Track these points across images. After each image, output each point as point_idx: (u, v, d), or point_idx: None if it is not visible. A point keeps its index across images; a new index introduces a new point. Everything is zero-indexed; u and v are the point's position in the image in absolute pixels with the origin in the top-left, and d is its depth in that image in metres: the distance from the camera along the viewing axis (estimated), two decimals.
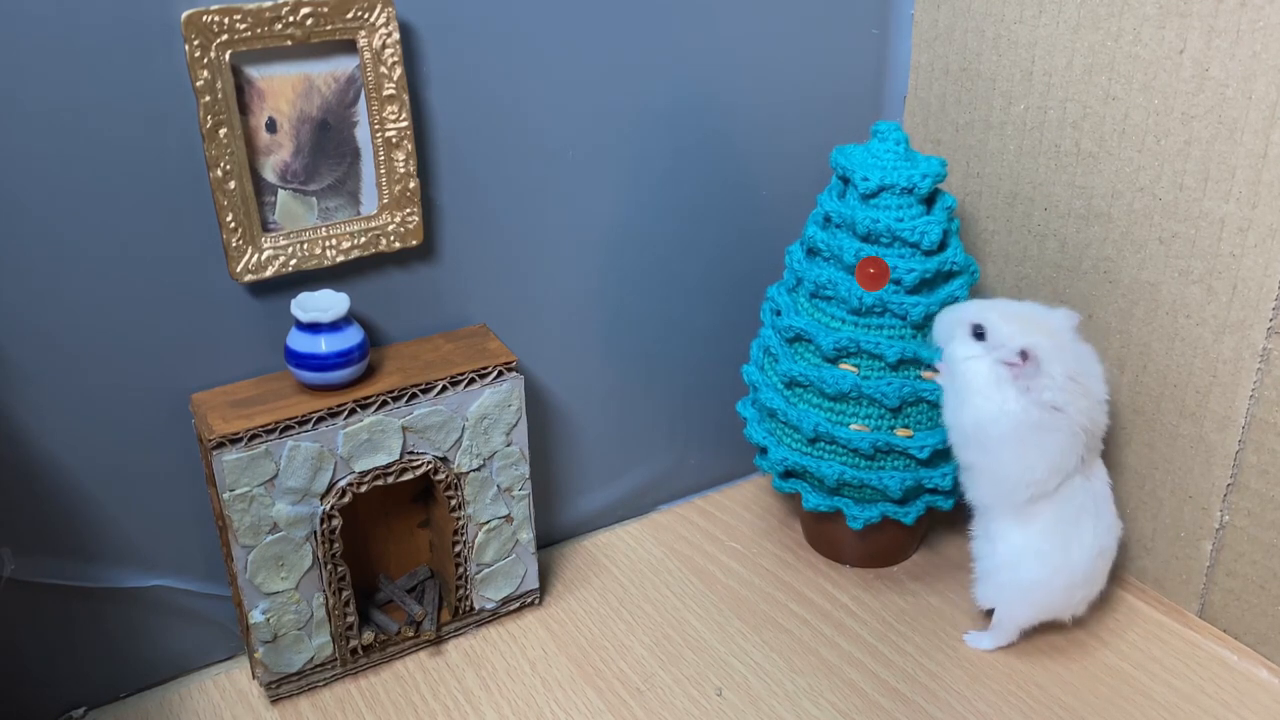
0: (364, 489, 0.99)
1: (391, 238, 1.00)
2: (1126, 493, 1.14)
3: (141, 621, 1.03)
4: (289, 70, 0.91)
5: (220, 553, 1.04)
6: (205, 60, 0.86)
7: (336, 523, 0.98)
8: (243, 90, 0.90)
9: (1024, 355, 0.95)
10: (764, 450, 1.15)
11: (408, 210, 1.00)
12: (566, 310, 1.15)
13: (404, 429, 0.99)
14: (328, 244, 0.98)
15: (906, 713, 1.02)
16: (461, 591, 1.09)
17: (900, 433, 1.06)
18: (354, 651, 1.05)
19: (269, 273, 0.95)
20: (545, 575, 1.19)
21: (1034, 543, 1.00)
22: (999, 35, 1.12)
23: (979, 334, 0.97)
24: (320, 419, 0.95)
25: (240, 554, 0.95)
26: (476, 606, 1.11)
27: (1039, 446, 0.97)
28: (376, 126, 0.96)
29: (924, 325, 1.06)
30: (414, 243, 1.01)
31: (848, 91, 1.23)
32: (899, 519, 1.11)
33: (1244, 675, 1.05)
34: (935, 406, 1.07)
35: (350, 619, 1.03)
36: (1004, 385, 0.96)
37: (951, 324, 1.00)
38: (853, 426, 1.06)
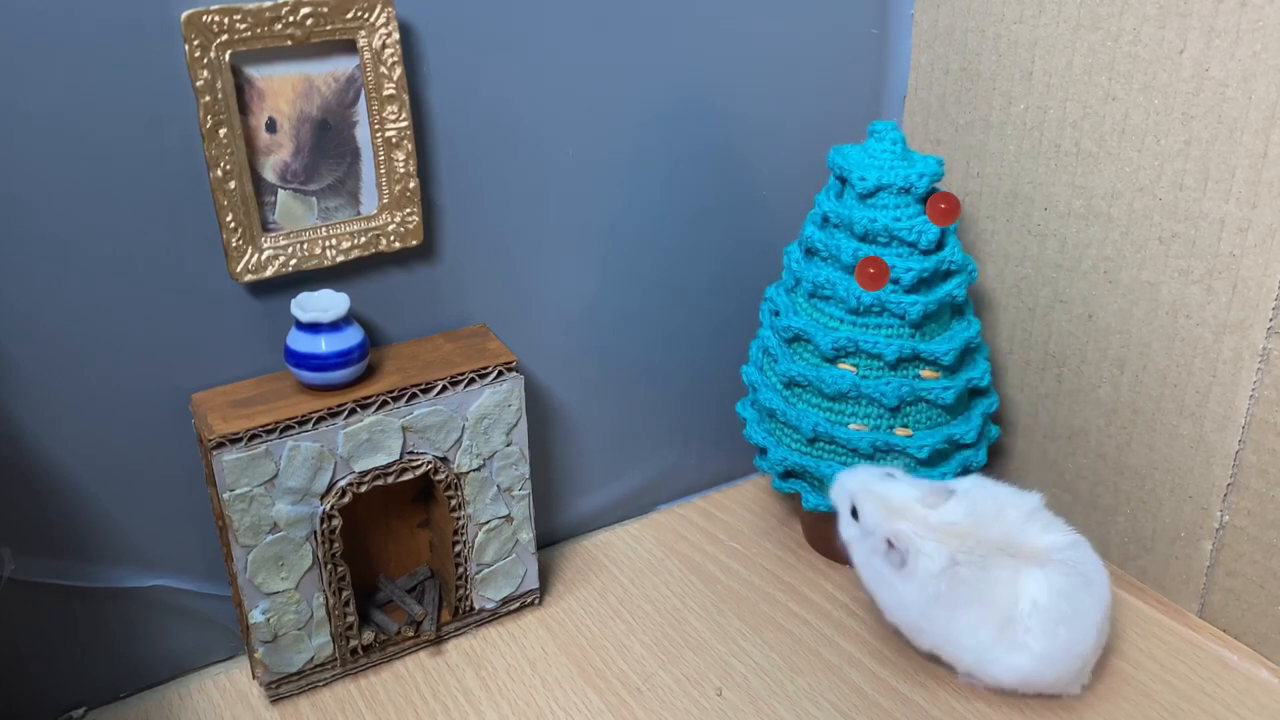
0: (364, 489, 0.99)
1: (391, 238, 1.00)
2: (1126, 493, 1.14)
3: (141, 621, 1.03)
4: (289, 70, 0.91)
5: (220, 553, 1.04)
6: (205, 60, 0.86)
7: (336, 523, 0.98)
8: (243, 90, 0.90)
9: (890, 544, 0.95)
10: (764, 450, 1.15)
11: (408, 210, 1.00)
12: (566, 310, 1.15)
13: (404, 429, 0.99)
14: (328, 244, 0.98)
15: (906, 713, 1.02)
16: (461, 591, 1.09)
17: (900, 432, 1.07)
18: (354, 651, 1.05)
19: (269, 273, 0.96)
20: (545, 575, 1.19)
21: (1040, 653, 0.95)
22: (999, 35, 1.12)
23: (854, 513, 0.99)
24: (320, 419, 0.95)
25: (240, 554, 0.95)
26: (476, 606, 1.11)
27: (952, 604, 0.94)
28: (376, 126, 0.96)
29: (922, 324, 1.06)
30: (414, 243, 1.01)
31: (847, 91, 1.23)
32: None
33: (1244, 675, 1.05)
34: (935, 406, 1.08)
35: (350, 619, 1.03)
36: (886, 577, 0.97)
37: (838, 496, 1.01)
38: (851, 426, 1.06)
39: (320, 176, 0.96)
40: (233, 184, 0.91)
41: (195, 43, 0.85)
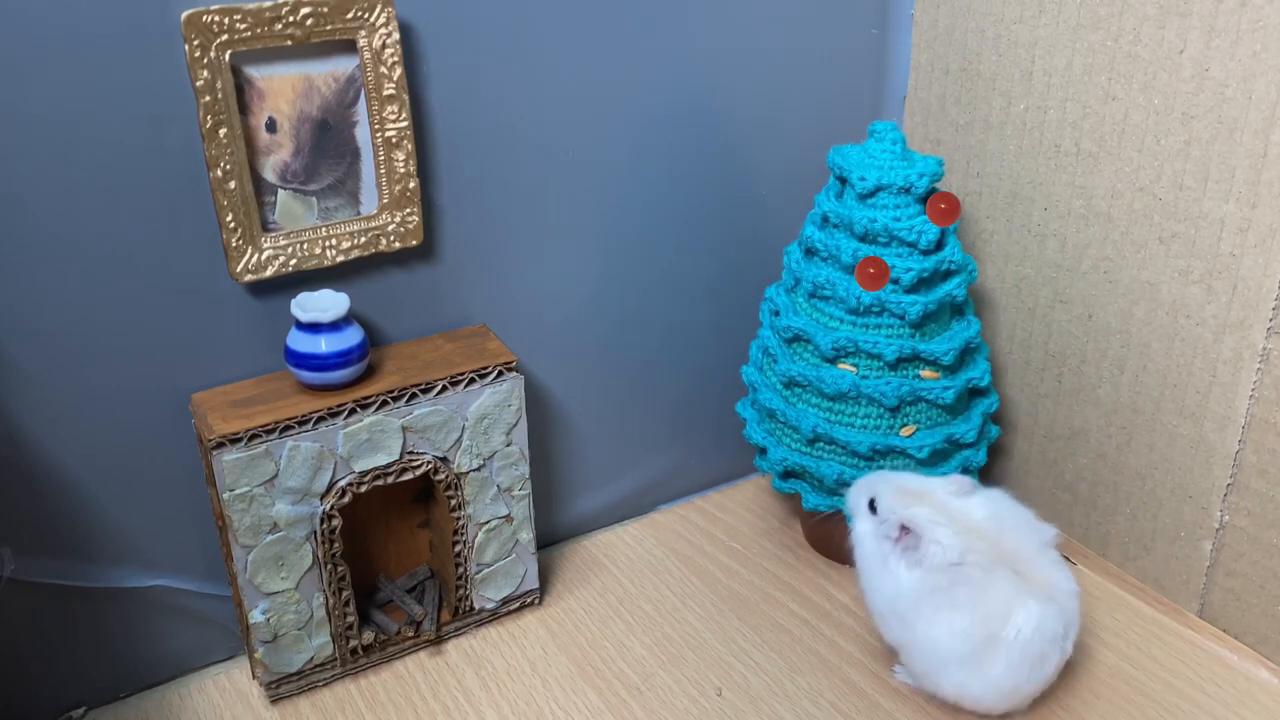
0: (364, 489, 0.99)
1: (391, 238, 1.00)
2: (1126, 493, 1.14)
3: (141, 621, 1.03)
4: (289, 70, 0.91)
5: (220, 553, 1.04)
6: (205, 60, 0.86)
7: (336, 523, 0.98)
8: (243, 90, 0.90)
9: (903, 529, 0.94)
10: (764, 450, 1.15)
11: (408, 210, 1.00)
12: (566, 310, 1.15)
13: (404, 429, 0.99)
14: (328, 244, 0.98)
15: (906, 713, 1.02)
16: (461, 591, 1.09)
17: (904, 431, 1.06)
18: (354, 651, 1.05)
19: (269, 273, 0.96)
20: (545, 575, 1.19)
21: (995, 682, 0.95)
22: (999, 35, 1.12)
23: (872, 507, 0.98)
24: (320, 419, 0.95)
25: (240, 554, 0.95)
26: (476, 606, 1.11)
27: (951, 603, 0.93)
28: (376, 126, 0.96)
29: (922, 324, 1.06)
30: (414, 243, 1.01)
31: (847, 91, 1.23)
32: None
33: (1244, 675, 1.05)
34: (935, 406, 1.08)
35: (350, 619, 1.03)
36: (890, 561, 0.95)
37: (856, 495, 1.00)
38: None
39: (320, 176, 0.96)
40: (233, 184, 0.91)
41: (195, 43, 0.85)
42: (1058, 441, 1.20)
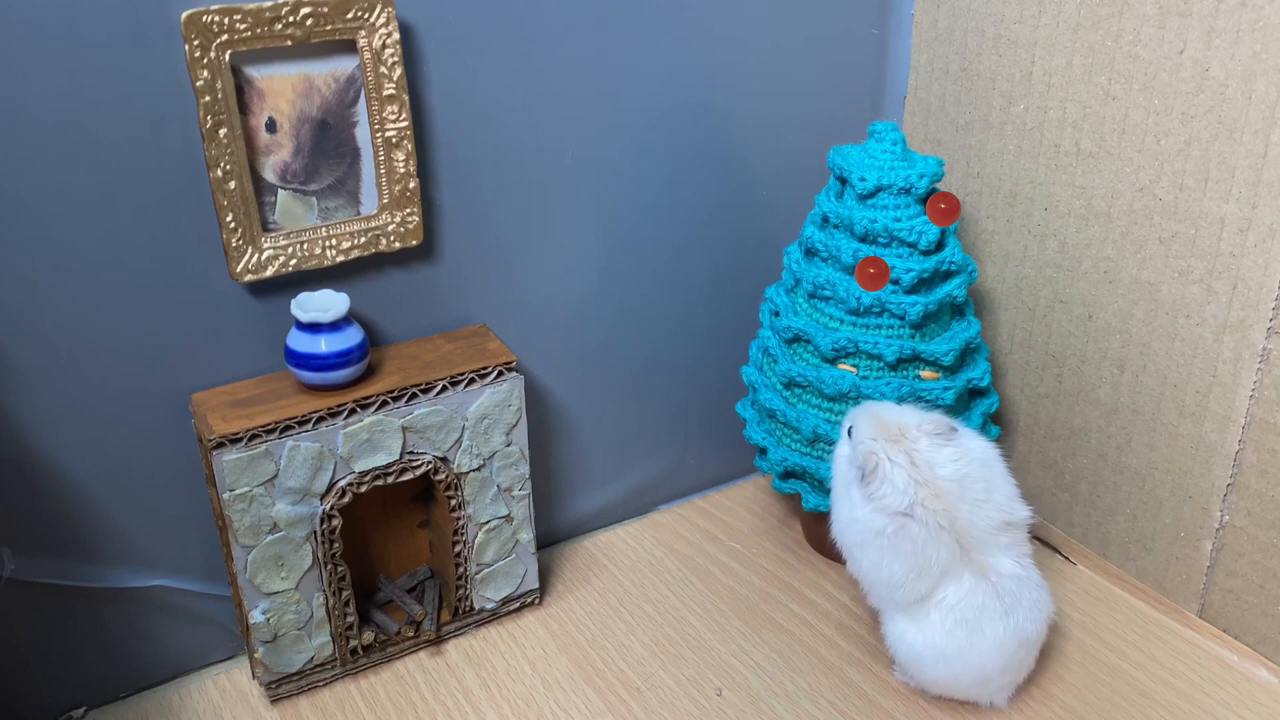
0: (364, 489, 0.99)
1: (391, 238, 1.00)
2: (1126, 493, 1.14)
3: (141, 621, 1.03)
4: (289, 70, 0.91)
5: (220, 553, 1.04)
6: (205, 60, 0.86)
7: (336, 523, 0.98)
8: (243, 90, 0.90)
9: (869, 467, 0.94)
10: (764, 451, 1.15)
11: (408, 210, 1.00)
12: (566, 310, 1.15)
13: (404, 429, 0.99)
14: (328, 244, 0.98)
15: (906, 712, 1.02)
16: (461, 591, 1.09)
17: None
18: (354, 651, 1.05)
19: (269, 273, 0.96)
20: (545, 575, 1.19)
21: (934, 642, 0.96)
22: (999, 35, 1.12)
23: (851, 434, 0.98)
24: (320, 419, 0.95)
25: (240, 554, 0.95)
26: (476, 606, 1.11)
27: (892, 552, 0.93)
28: (376, 126, 0.96)
29: (922, 325, 1.06)
30: (414, 243, 1.01)
31: (847, 91, 1.23)
32: None
33: (1244, 675, 1.05)
34: (935, 406, 1.07)
35: (350, 619, 1.03)
36: (852, 489, 0.95)
37: (845, 421, 1.00)
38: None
39: (320, 176, 0.96)
40: (233, 184, 0.91)
41: (195, 43, 0.85)
42: (1058, 441, 1.20)
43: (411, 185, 0.99)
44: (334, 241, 0.98)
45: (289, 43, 0.90)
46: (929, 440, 0.94)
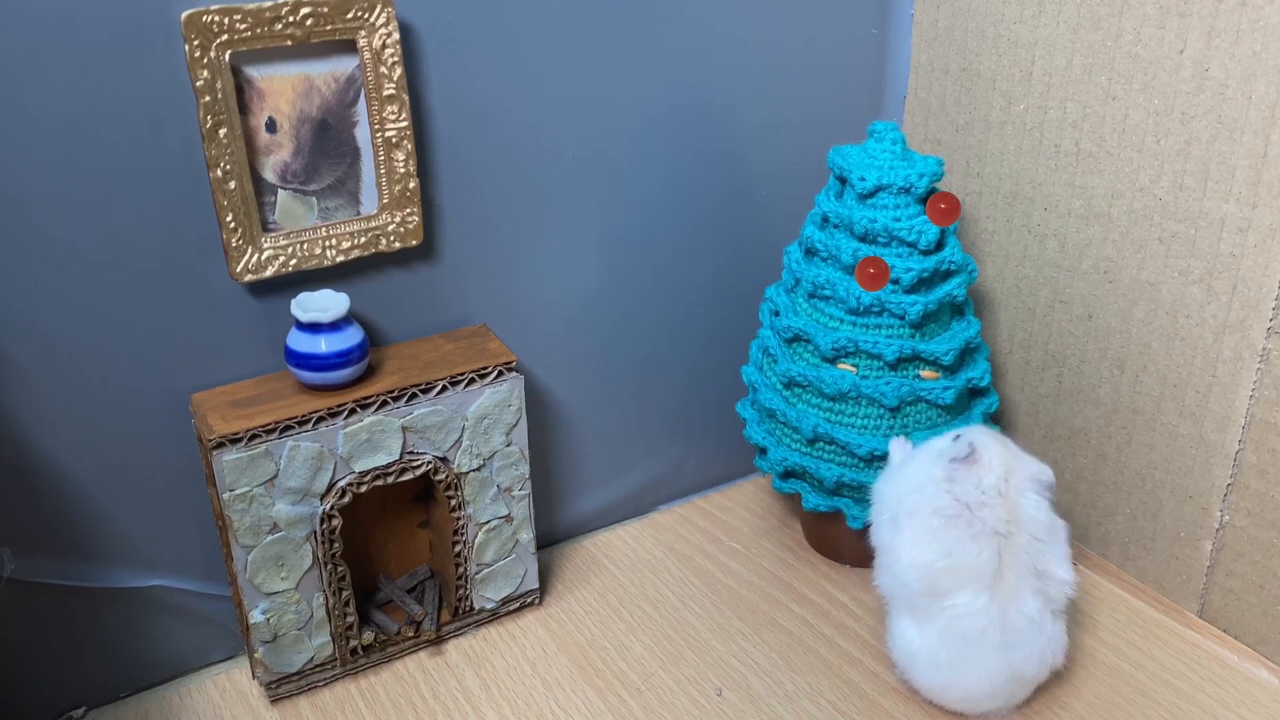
0: (364, 489, 0.99)
1: (391, 238, 1.00)
2: (1126, 493, 1.14)
3: (141, 621, 1.03)
4: (289, 70, 0.91)
5: (220, 553, 1.04)
6: (205, 60, 0.86)
7: (336, 523, 0.98)
8: (243, 90, 0.90)
9: (972, 452, 0.94)
10: (764, 451, 1.15)
11: (408, 210, 1.00)
12: (566, 310, 1.15)
13: (404, 429, 0.99)
14: (328, 244, 0.98)
15: (906, 712, 1.02)
16: (461, 591, 1.09)
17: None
18: (354, 651, 1.05)
19: (269, 273, 0.96)
20: (545, 575, 1.19)
21: (930, 647, 0.96)
22: (999, 35, 1.12)
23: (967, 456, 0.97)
24: (320, 419, 0.95)
25: (240, 554, 0.95)
26: (476, 606, 1.11)
27: (933, 534, 0.94)
28: (376, 126, 0.96)
29: (921, 324, 1.06)
30: (414, 243, 1.01)
31: (847, 91, 1.23)
32: None
33: (1244, 675, 1.05)
34: (935, 406, 1.08)
35: (350, 619, 1.03)
36: (936, 465, 0.95)
37: (967, 434, 0.99)
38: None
39: (320, 176, 0.96)
40: (233, 184, 0.91)
41: (195, 43, 0.85)
42: (1058, 441, 1.20)
43: (411, 185, 0.99)
44: (334, 241, 0.98)
45: (289, 43, 0.90)
46: (1031, 483, 0.95)
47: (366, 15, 0.91)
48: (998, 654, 0.95)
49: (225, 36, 0.86)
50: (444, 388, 1.00)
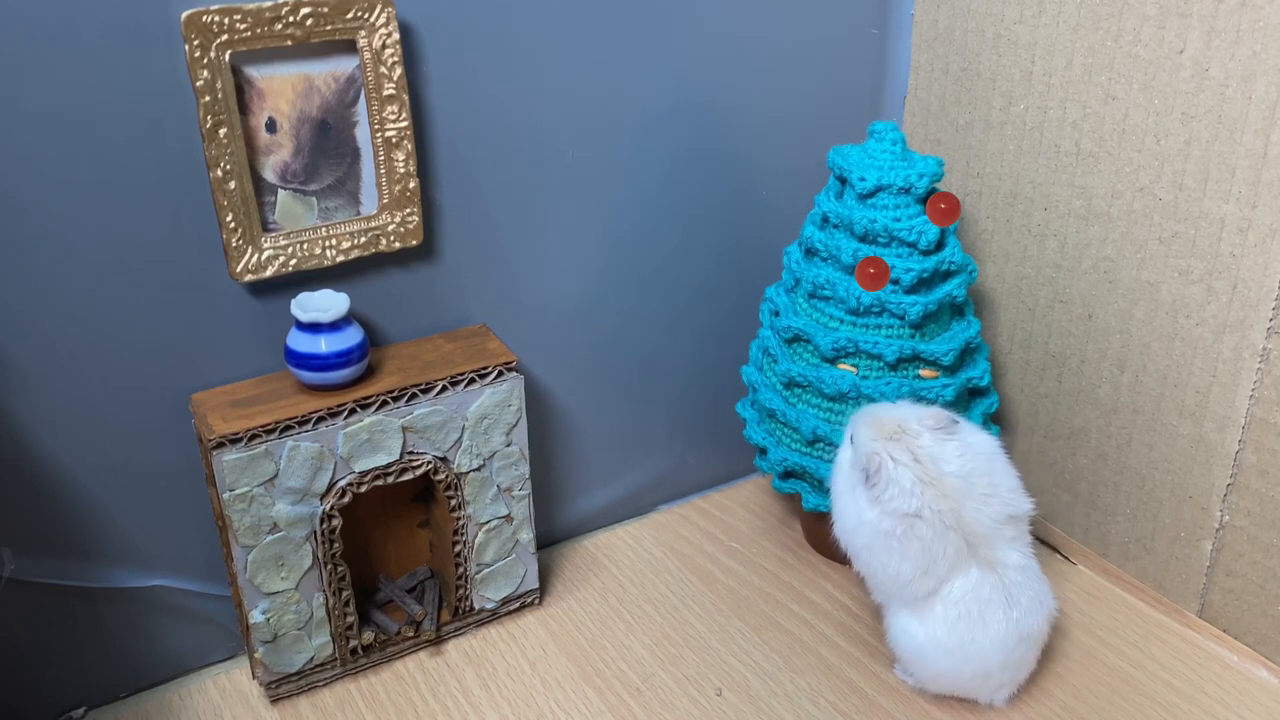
0: (364, 489, 0.99)
1: (391, 238, 1.00)
2: (1126, 493, 1.14)
3: (141, 621, 1.03)
4: (289, 70, 0.91)
5: (220, 553, 1.04)
6: (205, 60, 0.86)
7: (336, 523, 0.98)
8: (243, 90, 0.90)
9: (877, 466, 0.93)
10: (763, 451, 1.15)
11: (408, 210, 1.00)
12: (566, 310, 1.15)
13: (404, 429, 0.99)
14: (328, 244, 0.98)
15: (906, 712, 1.02)
16: (461, 591, 1.09)
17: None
18: (354, 651, 1.05)
19: (269, 273, 0.96)
20: (545, 575, 1.19)
21: (936, 636, 0.96)
22: (999, 35, 1.12)
23: (851, 439, 0.98)
24: (320, 419, 0.95)
25: (240, 554, 0.95)
26: (476, 606, 1.11)
27: (900, 553, 0.94)
28: (376, 126, 0.96)
29: (922, 324, 1.06)
30: (414, 243, 1.01)
31: (847, 91, 1.23)
32: None
33: (1244, 675, 1.05)
34: (934, 405, 1.07)
35: (350, 619, 1.03)
36: (857, 492, 0.95)
37: (848, 426, 1.00)
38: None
39: (320, 176, 0.96)
40: (233, 184, 0.91)
41: (195, 43, 0.85)
42: (1058, 441, 1.20)
43: (411, 185, 0.99)
44: (334, 241, 0.98)
45: (289, 43, 0.90)
46: (931, 435, 0.94)
47: (366, 15, 0.91)
48: (1004, 614, 0.95)
49: (225, 36, 0.86)
50: (444, 388, 1.00)
